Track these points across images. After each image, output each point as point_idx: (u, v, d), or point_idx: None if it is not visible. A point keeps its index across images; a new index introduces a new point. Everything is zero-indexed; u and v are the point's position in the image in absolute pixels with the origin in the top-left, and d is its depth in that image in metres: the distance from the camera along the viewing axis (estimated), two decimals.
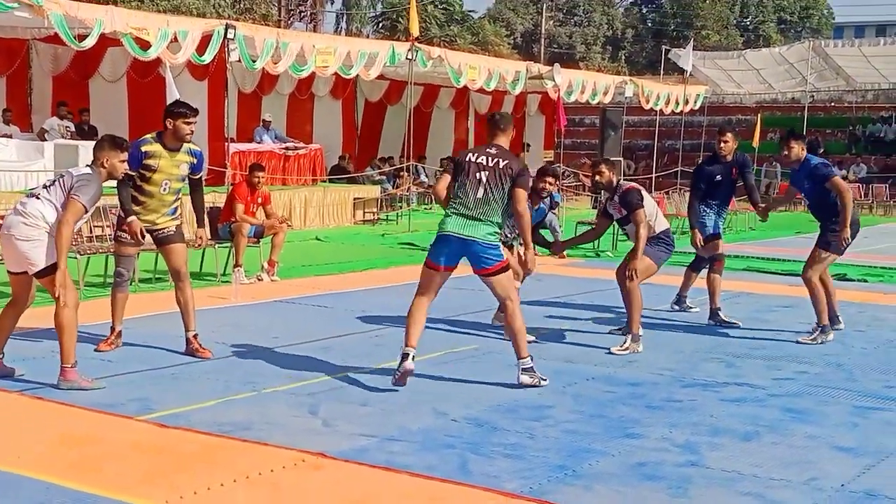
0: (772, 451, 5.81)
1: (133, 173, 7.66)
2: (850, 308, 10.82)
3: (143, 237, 7.79)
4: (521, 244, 8.85)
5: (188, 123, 7.72)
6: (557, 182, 8.77)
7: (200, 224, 8.33)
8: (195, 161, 7.94)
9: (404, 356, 6.84)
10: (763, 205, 10.38)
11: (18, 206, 6.79)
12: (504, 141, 7.20)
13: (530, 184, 7.26)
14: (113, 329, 8.01)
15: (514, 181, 6.95)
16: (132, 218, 7.73)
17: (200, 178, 8.15)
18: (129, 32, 16.34)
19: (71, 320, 6.67)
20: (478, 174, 6.94)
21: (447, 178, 7.38)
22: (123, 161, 7.00)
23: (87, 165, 6.94)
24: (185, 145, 7.85)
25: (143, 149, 7.70)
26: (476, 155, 7.06)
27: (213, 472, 5.12)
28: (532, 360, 7.10)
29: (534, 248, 7.61)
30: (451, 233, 6.91)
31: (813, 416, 6.59)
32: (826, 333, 9.06)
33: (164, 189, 7.82)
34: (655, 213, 8.73)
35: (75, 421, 6.00)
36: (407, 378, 6.82)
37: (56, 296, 6.62)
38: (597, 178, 8.78)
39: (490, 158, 6.99)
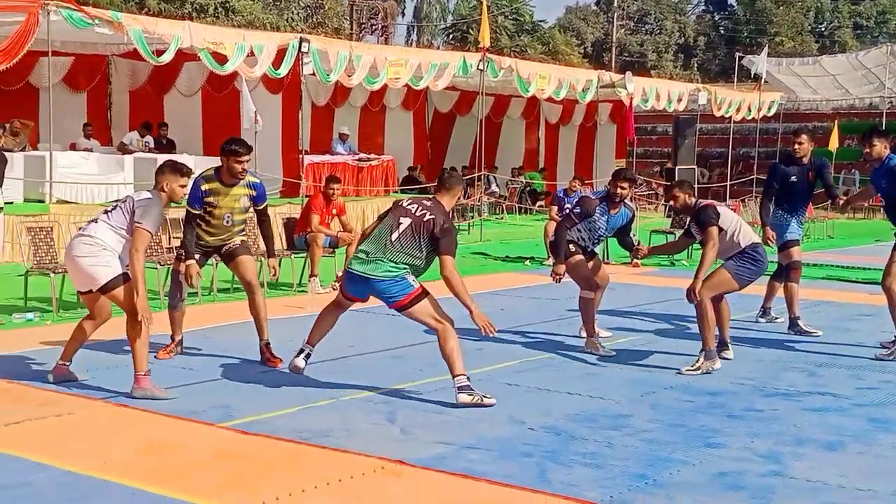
0: (857, 461, 5.70)
1: (198, 211, 7.78)
2: None
3: (194, 284, 8.00)
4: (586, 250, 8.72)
5: (239, 162, 7.72)
6: (632, 187, 8.51)
7: (271, 254, 8.39)
8: (255, 193, 7.97)
9: (300, 350, 7.23)
10: (843, 198, 10.17)
11: (79, 230, 7.01)
12: (447, 200, 7.06)
13: (455, 248, 6.91)
14: (173, 339, 8.15)
15: (435, 240, 6.79)
16: (191, 262, 7.82)
17: (265, 207, 8.15)
18: (206, 47, 16.63)
19: (144, 329, 6.78)
20: (401, 218, 6.87)
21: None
22: (184, 186, 7.09)
23: (148, 190, 7.05)
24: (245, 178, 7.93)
25: (203, 187, 7.77)
26: (411, 203, 7.03)
27: (295, 478, 5.17)
28: (469, 378, 6.74)
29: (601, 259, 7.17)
30: (353, 271, 6.92)
31: None
32: None
33: (227, 221, 7.95)
34: (738, 227, 8.28)
35: (159, 428, 6.11)
36: (297, 373, 7.19)
37: (135, 317, 6.71)
38: (671, 203, 8.64)
39: (419, 209, 6.91)
